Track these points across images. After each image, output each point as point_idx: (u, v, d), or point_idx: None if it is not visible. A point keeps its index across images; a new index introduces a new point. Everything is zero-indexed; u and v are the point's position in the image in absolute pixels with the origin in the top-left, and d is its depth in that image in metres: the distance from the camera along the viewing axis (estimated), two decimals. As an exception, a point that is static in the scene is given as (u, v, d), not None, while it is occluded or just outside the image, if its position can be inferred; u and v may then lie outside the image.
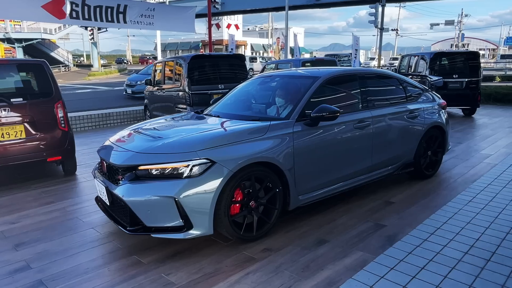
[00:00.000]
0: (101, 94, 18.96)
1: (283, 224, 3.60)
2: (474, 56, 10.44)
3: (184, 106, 7.44)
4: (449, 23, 53.83)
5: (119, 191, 3.05)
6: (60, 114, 5.18)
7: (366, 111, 4.13)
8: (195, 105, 7.21)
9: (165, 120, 4.16)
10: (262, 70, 12.87)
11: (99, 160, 3.65)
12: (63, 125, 5.21)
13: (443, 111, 5.15)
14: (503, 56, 45.15)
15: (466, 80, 10.17)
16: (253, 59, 36.14)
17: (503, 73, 24.90)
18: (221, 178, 2.97)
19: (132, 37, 73.62)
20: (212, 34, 12.20)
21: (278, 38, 49.90)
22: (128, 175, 3.08)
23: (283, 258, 2.99)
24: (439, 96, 5.32)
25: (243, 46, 54.21)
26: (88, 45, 40.37)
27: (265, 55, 45.74)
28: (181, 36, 64.21)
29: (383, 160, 4.34)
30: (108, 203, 3.32)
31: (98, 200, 3.67)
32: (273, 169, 3.32)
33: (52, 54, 42.30)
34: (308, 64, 10.57)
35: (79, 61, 52.44)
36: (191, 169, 2.94)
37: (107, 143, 3.69)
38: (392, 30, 51.82)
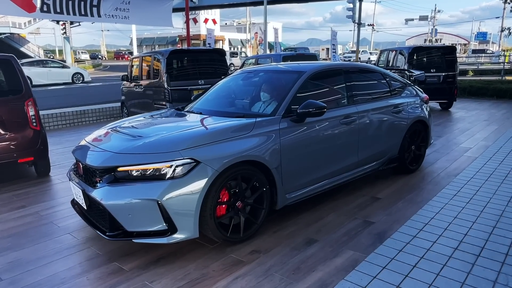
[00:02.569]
0: (75, 90, 18.34)
1: (270, 224, 3.49)
2: (451, 51, 10.60)
3: (163, 103, 7.22)
4: (423, 18, 54.97)
5: (97, 194, 2.87)
6: (31, 112, 4.89)
7: (352, 106, 4.06)
8: (175, 101, 7.00)
9: (145, 117, 3.97)
10: (242, 66, 12.70)
11: (75, 161, 3.44)
12: (34, 123, 4.92)
13: (426, 105, 5.16)
14: (474, 51, 46.48)
15: (444, 74, 10.31)
16: (234, 54, 35.81)
17: (476, 67, 25.61)
18: (206, 179, 2.83)
19: (106, 32, 71.78)
20: (189, 29, 11.93)
21: (256, 33, 49.72)
22: (107, 177, 2.90)
23: (273, 260, 2.89)
24: (422, 91, 5.32)
25: (221, 41, 53.70)
26: (60, 40, 39.00)
27: (243, 50, 45.46)
28: (157, 30, 63.17)
29: (369, 156, 4.29)
30: (85, 207, 3.12)
31: (75, 203, 3.46)
32: (259, 167, 3.21)
33: (22, 49, 40.67)
34: (289, 58, 10.48)
35: (51, 56, 50.72)
36: (174, 170, 2.79)
37: (82, 143, 3.48)
38: (368, 25, 52.50)
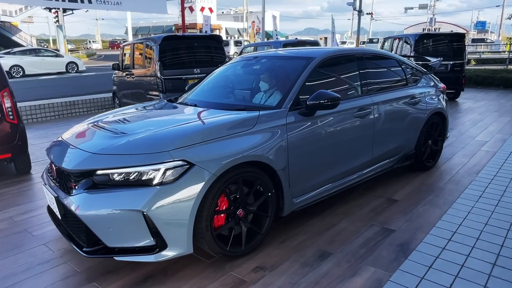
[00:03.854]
0: (67, 80, 17.72)
1: (274, 232, 3.05)
2: (459, 38, 10.10)
3: (156, 93, 6.72)
4: (423, 7, 54.20)
5: (71, 202, 2.40)
6: (7, 104, 4.40)
7: (366, 97, 3.60)
8: (168, 91, 6.51)
9: (132, 110, 3.48)
10: (240, 54, 12.15)
11: (49, 162, 2.97)
12: (11, 117, 4.43)
13: (443, 95, 4.70)
14: (473, 40, 45.85)
15: (451, 62, 9.84)
16: (237, 43, 34.70)
17: (478, 56, 25.11)
18: (202, 184, 2.37)
19: (101, 21, 70.64)
20: (185, 18, 11.35)
21: (253, 21, 48.84)
22: (84, 183, 2.43)
23: (280, 280, 2.45)
24: (438, 80, 4.86)
25: (217, 30, 52.74)
26: (54, 29, 38.04)
27: (247, 38, 44.56)
28: (153, 19, 62.10)
29: (384, 152, 3.84)
30: (59, 216, 2.66)
31: (50, 210, 3.00)
32: (264, 169, 2.75)
33: (14, 38, 39.67)
34: (290, 46, 9.94)
35: (45, 46, 49.65)
36: (163, 174, 2.32)
37: (58, 140, 3.01)
38: (367, 13, 51.68)
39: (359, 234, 3.01)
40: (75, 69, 21.96)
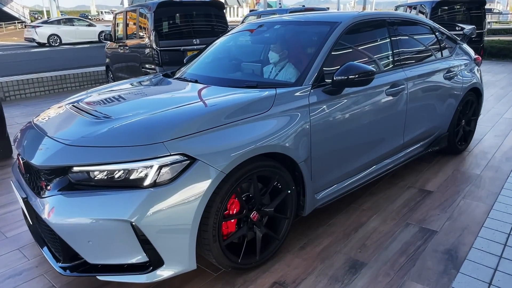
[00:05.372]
0: (59, 53, 16.93)
1: (293, 234, 2.56)
2: (478, 5, 9.34)
3: (152, 66, 6.11)
4: (429, -25, 52.15)
5: (41, 207, 1.89)
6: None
7: (400, 71, 3.03)
8: (165, 64, 5.90)
9: (121, 87, 2.92)
10: (242, 23, 11.36)
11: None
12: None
13: (478, 68, 4.12)
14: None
15: (461, 33, 9.13)
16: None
17: (489, 26, 24.15)
18: (207, 185, 1.85)
19: (96, -9, 68.20)
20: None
21: (254, -9, 47.11)
22: (58, 182, 1.91)
23: (306, 301, 1.97)
24: (472, 50, 4.26)
25: (216, 0, 50.94)
26: (48, 0, 36.57)
27: (257, 7, 42.87)
28: (149, -11, 59.90)
29: (416, 135, 3.31)
30: (30, 221, 2.16)
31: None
32: (282, 161, 2.23)
33: (5, 8, 38.28)
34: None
35: (39, 17, 47.98)
36: (157, 172, 1.80)
37: (28, 126, 2.46)
38: (371, -18, 49.83)
39: (394, 237, 2.52)
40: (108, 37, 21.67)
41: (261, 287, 2.07)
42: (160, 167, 1.80)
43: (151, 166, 1.80)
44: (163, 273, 1.85)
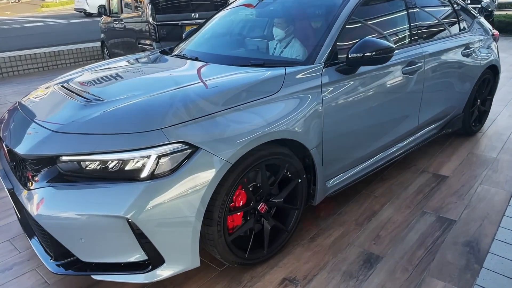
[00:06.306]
0: (54, 27, 16.41)
1: (300, 224, 2.40)
2: (489, -23, 8.94)
3: (149, 42, 5.82)
4: None
5: (27, 200, 1.71)
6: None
7: (417, 47, 2.80)
8: (163, 40, 5.61)
9: (115, 65, 2.68)
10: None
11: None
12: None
13: (495, 44, 3.87)
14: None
15: (479, 6, 8.77)
16: None
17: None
18: (211, 176, 1.67)
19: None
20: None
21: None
22: (46, 173, 1.72)
23: (319, 301, 1.83)
24: (490, 25, 4.00)
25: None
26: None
27: None
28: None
29: (431, 116, 3.11)
30: (18, 215, 1.99)
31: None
32: (293, 148, 2.04)
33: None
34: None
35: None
36: (155, 163, 1.61)
37: (13, 108, 2.25)
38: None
39: (410, 227, 2.36)
40: None
41: (270, 283, 1.92)
42: (159, 157, 1.61)
43: (149, 156, 1.60)
44: (163, 272, 1.69)
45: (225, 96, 1.84)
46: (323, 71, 2.17)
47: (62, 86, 2.27)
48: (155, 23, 5.57)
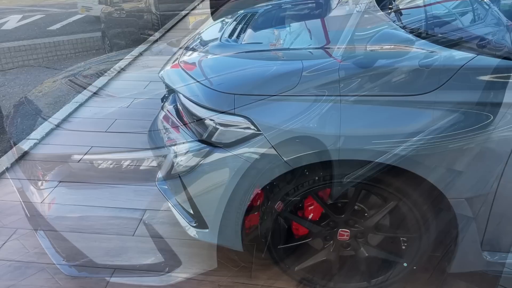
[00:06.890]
0: (54, 17, 16.22)
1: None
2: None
3: (152, 32, 5.74)
4: None
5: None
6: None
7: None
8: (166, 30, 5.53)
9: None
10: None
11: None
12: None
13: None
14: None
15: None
16: None
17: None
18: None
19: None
20: None
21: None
22: None
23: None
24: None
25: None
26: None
27: None
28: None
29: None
30: (27, 213, 1.92)
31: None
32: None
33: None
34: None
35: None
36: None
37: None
38: None
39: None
40: None
41: (287, 283, 1.87)
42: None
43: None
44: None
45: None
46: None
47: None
48: (158, 12, 5.47)
